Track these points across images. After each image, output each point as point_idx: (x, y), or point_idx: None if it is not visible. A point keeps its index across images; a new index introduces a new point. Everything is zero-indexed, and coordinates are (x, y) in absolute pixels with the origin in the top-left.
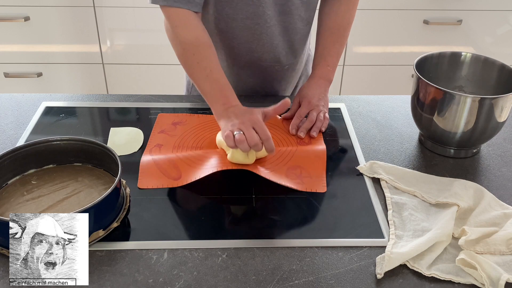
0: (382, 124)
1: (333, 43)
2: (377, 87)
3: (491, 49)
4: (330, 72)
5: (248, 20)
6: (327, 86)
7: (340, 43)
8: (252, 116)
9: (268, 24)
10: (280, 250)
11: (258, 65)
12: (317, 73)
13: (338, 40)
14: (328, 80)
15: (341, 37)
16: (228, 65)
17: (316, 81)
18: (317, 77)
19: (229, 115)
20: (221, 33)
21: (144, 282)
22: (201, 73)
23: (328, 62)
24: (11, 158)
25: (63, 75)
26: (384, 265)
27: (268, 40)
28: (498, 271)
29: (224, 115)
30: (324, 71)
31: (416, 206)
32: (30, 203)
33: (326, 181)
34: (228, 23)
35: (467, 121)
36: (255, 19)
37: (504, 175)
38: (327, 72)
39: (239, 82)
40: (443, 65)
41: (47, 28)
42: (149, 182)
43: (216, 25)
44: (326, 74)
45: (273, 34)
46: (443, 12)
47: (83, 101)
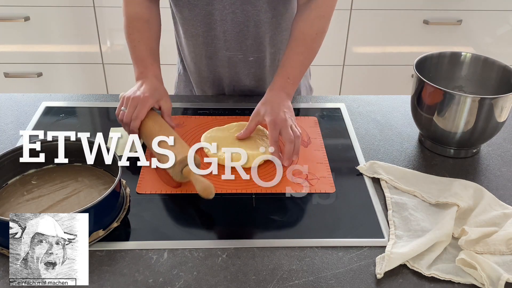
0: (382, 124)
1: (297, 54)
2: (377, 87)
3: (491, 49)
4: (290, 86)
5: (209, 6)
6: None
7: (306, 55)
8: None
9: (227, 11)
10: (280, 250)
11: (223, 54)
12: (275, 86)
13: (303, 51)
14: (287, 94)
15: (307, 47)
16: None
17: (274, 94)
18: (275, 90)
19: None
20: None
21: (144, 282)
22: (131, 42)
23: (289, 74)
24: (11, 158)
25: (63, 75)
26: (384, 265)
27: (229, 27)
28: (498, 271)
29: (137, 81)
30: (284, 83)
31: (416, 206)
32: (30, 203)
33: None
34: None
35: (467, 121)
36: (215, 5)
37: (504, 175)
38: (286, 85)
39: (209, 72)
40: (443, 65)
41: (47, 28)
42: (148, 188)
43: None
44: (285, 86)
45: (234, 23)
46: (443, 12)
47: (83, 101)
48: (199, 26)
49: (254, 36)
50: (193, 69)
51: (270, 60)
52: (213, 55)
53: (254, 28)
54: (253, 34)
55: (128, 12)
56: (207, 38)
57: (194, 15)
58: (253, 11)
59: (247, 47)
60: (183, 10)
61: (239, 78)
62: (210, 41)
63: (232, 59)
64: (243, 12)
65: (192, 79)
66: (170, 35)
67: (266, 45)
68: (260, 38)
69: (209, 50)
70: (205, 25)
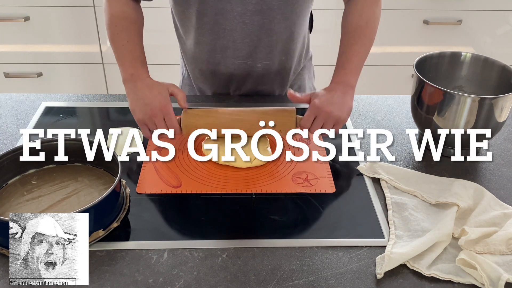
0: (382, 124)
1: (350, 45)
2: (377, 87)
3: (491, 49)
4: (348, 75)
5: (218, 16)
6: (344, 90)
7: (361, 44)
8: (162, 103)
9: (237, 21)
10: (280, 250)
11: (231, 62)
12: (332, 81)
13: (356, 41)
14: (345, 83)
15: (360, 37)
16: (202, 60)
17: (327, 88)
18: (332, 84)
19: (137, 90)
20: (194, 29)
21: (144, 282)
22: (118, 42)
23: (345, 66)
24: (11, 158)
25: (63, 75)
26: (384, 265)
27: (238, 37)
28: (498, 271)
29: (131, 86)
30: (341, 76)
31: (416, 206)
32: (30, 203)
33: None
34: (198, 19)
35: (467, 121)
36: (225, 15)
37: (504, 175)
38: (344, 76)
39: (215, 77)
40: (443, 65)
41: (47, 28)
42: (148, 187)
43: (188, 21)
44: (343, 78)
45: (244, 32)
46: (443, 12)
47: (83, 101)
48: (206, 35)
49: (265, 44)
50: (198, 75)
51: (279, 66)
52: (220, 62)
53: (265, 37)
54: (264, 43)
55: (113, 11)
56: (214, 45)
57: (202, 24)
58: (265, 21)
59: (257, 55)
60: (191, 18)
61: (245, 82)
62: (217, 49)
63: (240, 66)
64: (254, 22)
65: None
66: (170, 35)
67: (277, 53)
68: (271, 47)
69: (217, 57)
70: (213, 33)
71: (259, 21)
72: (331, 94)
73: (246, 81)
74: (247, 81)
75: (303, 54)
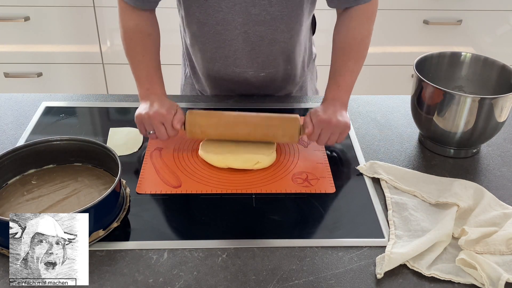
0: (382, 124)
1: (344, 62)
2: (377, 87)
3: (491, 49)
4: (343, 93)
5: (219, 25)
6: (340, 106)
7: (354, 60)
8: (166, 111)
9: (238, 31)
10: (280, 250)
11: (232, 70)
12: (327, 97)
13: (350, 57)
14: (340, 103)
15: (354, 54)
16: (203, 66)
17: (325, 104)
18: (327, 100)
19: (148, 100)
20: (194, 36)
21: (144, 282)
22: (135, 57)
23: (339, 83)
24: (11, 158)
25: (63, 75)
26: (384, 265)
27: (239, 47)
28: (498, 271)
29: (145, 99)
30: (335, 93)
31: (416, 206)
32: (30, 203)
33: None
34: (200, 28)
35: (467, 121)
36: (225, 25)
37: (504, 175)
38: (338, 93)
39: (215, 84)
40: (443, 65)
41: (47, 28)
42: (148, 187)
43: (189, 28)
44: (337, 95)
45: (246, 42)
46: (443, 12)
47: (83, 101)
48: (207, 43)
49: (267, 54)
50: (201, 76)
51: (284, 74)
52: (220, 70)
53: (267, 47)
54: (266, 52)
55: (128, 23)
56: (215, 54)
57: (203, 33)
58: (268, 31)
59: (259, 64)
60: (192, 25)
61: (250, 88)
62: (218, 58)
63: (242, 75)
64: (256, 32)
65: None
66: (174, 35)
67: (281, 62)
68: (274, 55)
69: (217, 65)
70: (214, 42)
71: (261, 32)
72: (332, 109)
73: (250, 88)
74: (251, 87)
75: (306, 59)
